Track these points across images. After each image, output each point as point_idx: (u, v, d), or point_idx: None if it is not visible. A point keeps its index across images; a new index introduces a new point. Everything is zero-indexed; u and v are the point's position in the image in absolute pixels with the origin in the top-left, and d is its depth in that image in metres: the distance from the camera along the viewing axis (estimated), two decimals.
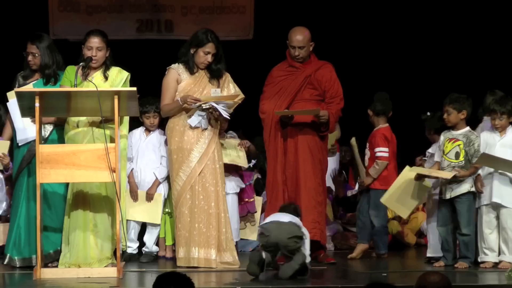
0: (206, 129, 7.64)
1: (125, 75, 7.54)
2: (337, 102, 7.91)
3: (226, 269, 7.52)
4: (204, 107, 7.53)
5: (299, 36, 7.87)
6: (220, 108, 7.50)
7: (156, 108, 8.25)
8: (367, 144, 8.42)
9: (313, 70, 7.92)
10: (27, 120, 7.51)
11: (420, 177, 7.78)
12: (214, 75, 7.72)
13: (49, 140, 7.57)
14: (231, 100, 7.62)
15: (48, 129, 7.62)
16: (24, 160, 7.59)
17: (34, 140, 7.44)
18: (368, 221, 8.28)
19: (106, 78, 7.48)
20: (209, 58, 7.67)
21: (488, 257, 7.61)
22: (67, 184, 7.54)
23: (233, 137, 8.72)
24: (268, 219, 7.14)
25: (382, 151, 8.28)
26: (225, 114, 7.55)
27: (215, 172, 7.66)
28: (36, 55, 7.64)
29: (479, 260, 7.66)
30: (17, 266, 7.56)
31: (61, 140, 7.53)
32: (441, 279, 4.72)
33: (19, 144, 7.63)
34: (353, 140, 8.71)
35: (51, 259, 7.49)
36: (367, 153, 8.41)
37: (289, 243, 6.93)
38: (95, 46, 7.45)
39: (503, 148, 7.63)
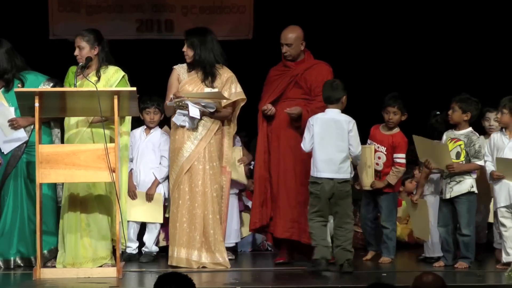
0: (196, 128, 7.62)
1: (120, 75, 7.53)
2: (320, 100, 7.73)
3: (216, 269, 7.50)
4: (177, 105, 7.53)
5: (287, 34, 7.88)
6: (191, 106, 7.47)
7: (157, 105, 8.26)
8: (381, 148, 8.13)
9: (302, 69, 7.90)
10: (6, 127, 7.53)
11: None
12: (210, 66, 7.68)
13: (30, 142, 7.59)
14: (214, 99, 7.59)
15: (28, 130, 7.63)
16: (9, 165, 7.61)
17: (18, 146, 7.52)
18: (378, 228, 8.24)
19: (98, 78, 7.46)
20: (184, 48, 7.69)
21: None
22: (54, 185, 7.58)
23: (235, 139, 8.69)
24: None
25: (403, 158, 8.08)
26: (193, 113, 7.50)
27: (204, 172, 7.62)
28: None
29: (503, 261, 7.52)
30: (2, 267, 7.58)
31: (43, 141, 7.49)
32: (435, 279, 4.73)
33: (5, 153, 7.65)
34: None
35: (45, 260, 7.49)
36: (381, 156, 8.12)
37: None
38: (76, 45, 7.47)
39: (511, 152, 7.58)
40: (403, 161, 8.10)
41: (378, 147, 8.14)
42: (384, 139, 8.13)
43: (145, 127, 8.44)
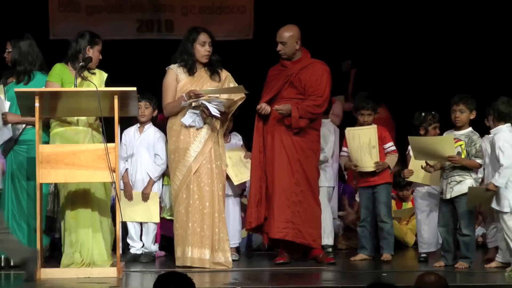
0: (202, 128, 7.62)
1: (105, 75, 7.57)
2: (313, 99, 7.78)
3: (217, 269, 7.50)
4: (194, 105, 7.53)
5: (282, 32, 7.89)
6: (210, 106, 7.48)
7: (148, 99, 8.22)
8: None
9: (298, 69, 7.88)
10: None
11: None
12: (214, 67, 7.69)
13: (20, 141, 7.62)
14: (233, 93, 7.60)
15: (19, 128, 7.65)
16: None
17: (5, 142, 7.56)
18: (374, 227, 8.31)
19: (93, 74, 7.46)
20: (207, 48, 7.68)
21: None
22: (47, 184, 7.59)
23: (237, 137, 8.69)
24: None
25: (393, 145, 8.27)
26: (215, 112, 7.51)
27: (211, 172, 7.63)
28: (9, 51, 7.75)
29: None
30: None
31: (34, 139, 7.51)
32: (437, 279, 4.73)
33: None
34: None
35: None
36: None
37: None
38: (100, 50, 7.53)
39: None
40: (394, 147, 8.29)
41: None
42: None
43: (138, 125, 8.42)
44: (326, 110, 8.45)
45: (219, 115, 7.55)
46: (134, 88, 7.04)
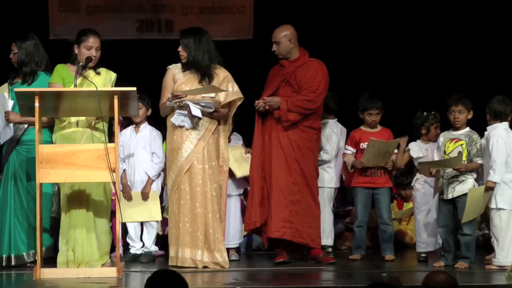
0: (194, 128, 7.61)
1: (113, 75, 7.56)
2: (305, 94, 7.78)
3: (215, 269, 7.50)
4: (178, 105, 7.53)
5: (275, 32, 7.93)
6: (192, 106, 7.47)
7: (140, 99, 8.18)
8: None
9: (295, 67, 7.89)
10: (2, 118, 7.56)
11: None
12: (196, 68, 7.68)
13: (22, 141, 7.64)
14: (207, 93, 7.59)
15: (21, 128, 7.65)
16: (1, 158, 7.67)
17: (7, 142, 7.61)
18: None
19: (98, 74, 7.46)
20: (179, 48, 7.69)
21: None
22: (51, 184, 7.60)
23: (237, 137, 8.69)
24: None
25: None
26: (195, 113, 7.50)
27: (203, 172, 7.62)
28: (14, 52, 7.76)
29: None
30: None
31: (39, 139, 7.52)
32: (447, 278, 4.71)
33: (1, 142, 7.70)
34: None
35: (31, 259, 7.59)
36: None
37: None
38: (95, 46, 7.44)
39: None
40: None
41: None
42: (375, 137, 8.26)
43: (134, 125, 8.41)
44: (331, 110, 8.48)
45: (200, 116, 7.53)
46: (134, 88, 7.04)
